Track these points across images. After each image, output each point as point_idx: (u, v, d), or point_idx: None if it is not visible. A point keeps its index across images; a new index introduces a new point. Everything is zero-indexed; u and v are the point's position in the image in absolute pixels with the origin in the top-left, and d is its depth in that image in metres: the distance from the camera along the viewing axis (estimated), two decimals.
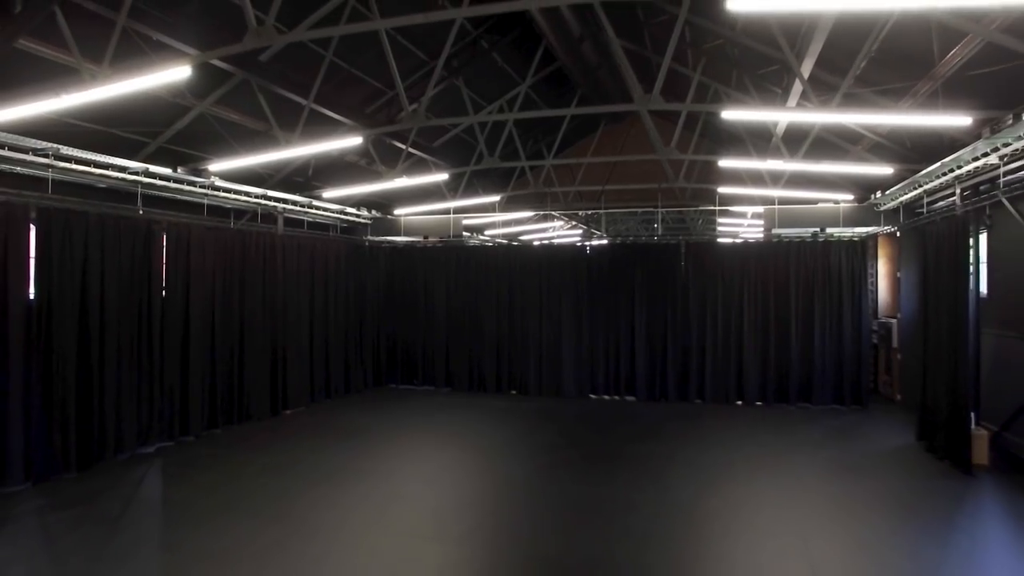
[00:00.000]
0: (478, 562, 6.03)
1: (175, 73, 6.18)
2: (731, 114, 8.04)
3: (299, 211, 13.50)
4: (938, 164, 8.98)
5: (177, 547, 6.18)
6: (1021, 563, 5.99)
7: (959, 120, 7.26)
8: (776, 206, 13.79)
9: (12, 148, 7.55)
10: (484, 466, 9.35)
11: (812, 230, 13.87)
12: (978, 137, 7.66)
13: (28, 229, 7.84)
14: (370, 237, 16.12)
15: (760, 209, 14.25)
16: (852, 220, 13.52)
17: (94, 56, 6.72)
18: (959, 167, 8.87)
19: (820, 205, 13.71)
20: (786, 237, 14.11)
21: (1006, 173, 8.22)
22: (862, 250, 13.34)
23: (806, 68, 7.97)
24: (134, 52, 7.24)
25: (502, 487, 8.35)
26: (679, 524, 6.86)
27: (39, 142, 7.76)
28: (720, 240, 15.02)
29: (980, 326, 9.85)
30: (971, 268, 9.25)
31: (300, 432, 10.98)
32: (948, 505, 7.43)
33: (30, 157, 7.80)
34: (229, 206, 12.05)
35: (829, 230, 13.90)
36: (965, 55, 7.45)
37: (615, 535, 6.51)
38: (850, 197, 13.18)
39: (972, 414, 9.25)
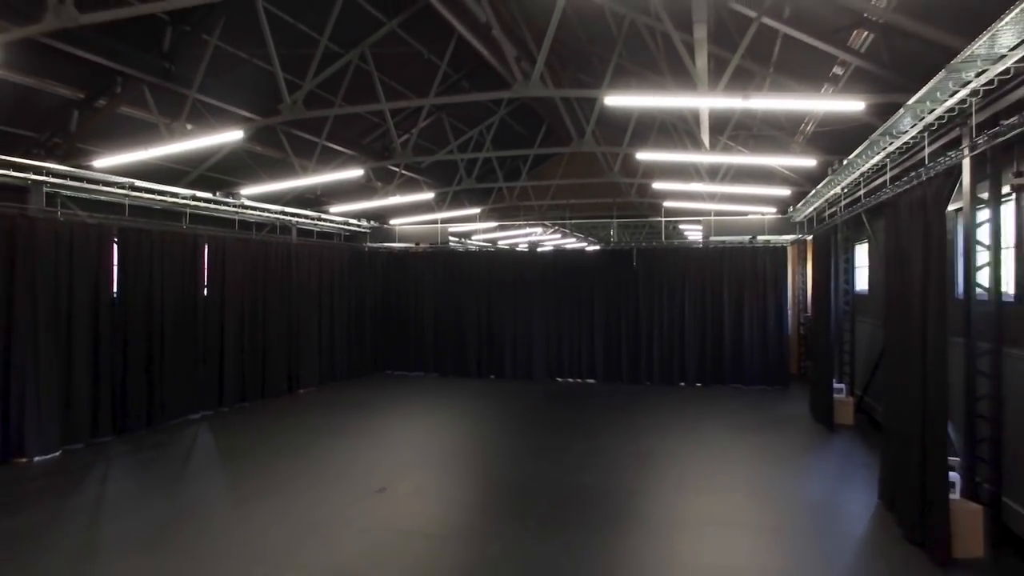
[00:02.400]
0: (448, 479, 8.57)
1: (233, 135, 8.68)
2: (643, 155, 10.55)
3: (309, 223, 16.00)
4: (813, 191, 11.53)
5: (230, 472, 8.71)
6: (824, 477, 8.56)
7: (808, 161, 9.81)
8: (712, 217, 16.34)
9: (104, 184, 10.04)
10: (461, 427, 11.88)
11: (745, 237, 16.40)
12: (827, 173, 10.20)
13: (112, 245, 10.33)
14: (369, 244, 18.64)
15: (700, 219, 16.79)
16: (775, 229, 16.09)
17: (168, 114, 9.24)
18: (828, 192, 11.40)
19: (749, 216, 16.26)
20: (722, 243, 16.62)
21: (845, 197, 10.68)
22: (783, 256, 15.90)
23: (705, 119, 10.53)
24: (196, 115, 9.71)
25: (474, 438, 10.91)
26: (597, 461, 9.34)
27: (121, 177, 10.26)
28: (665, 246, 17.49)
29: (856, 317, 12.42)
30: (843, 268, 11.83)
31: (312, 405, 13.51)
32: (801, 449, 10.01)
33: (115, 189, 10.30)
34: (253, 220, 14.53)
35: (760, 238, 16.43)
36: (818, 116, 10.00)
37: (549, 466, 9.02)
38: (773, 210, 15.75)
39: (843, 385, 11.87)
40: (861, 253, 12.82)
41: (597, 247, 20.51)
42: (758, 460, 9.40)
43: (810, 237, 16.22)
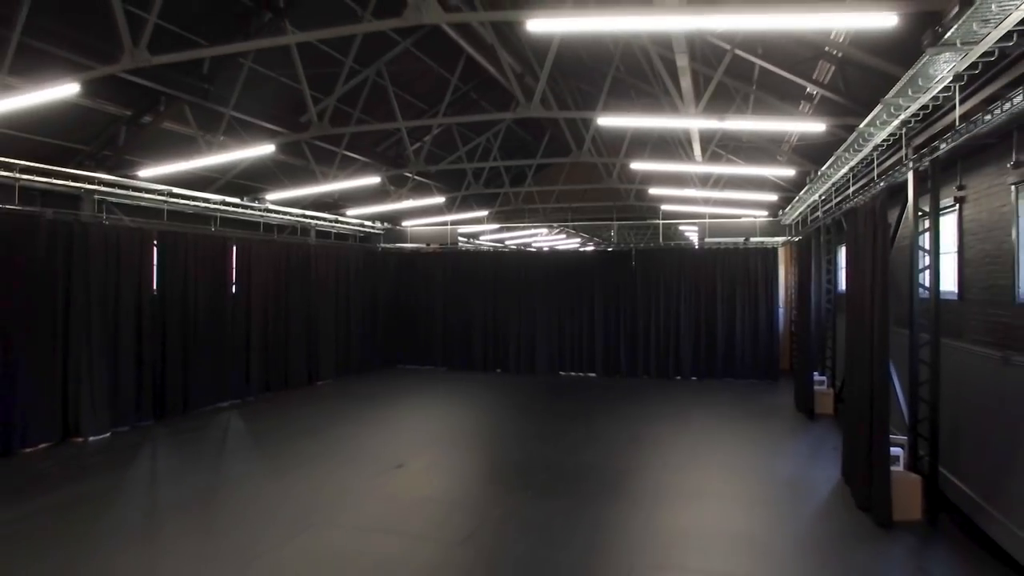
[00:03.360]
0: (457, 457, 9.54)
1: (264, 149, 9.66)
2: (637, 165, 11.46)
3: (327, 225, 17.03)
4: (797, 198, 12.40)
5: (261, 451, 9.71)
6: (796, 458, 9.46)
7: (788, 171, 10.69)
8: (707, 220, 17.22)
9: (147, 191, 11.08)
10: (469, 414, 12.85)
11: (738, 239, 17.28)
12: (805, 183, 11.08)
13: (152, 247, 11.37)
14: (383, 244, 19.68)
15: (696, 222, 17.68)
16: (766, 231, 16.97)
17: (205, 128, 10.25)
18: (809, 198, 12.28)
19: (742, 219, 17.13)
20: (717, 244, 17.50)
21: (822, 204, 11.58)
22: (774, 256, 16.76)
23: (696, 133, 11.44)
24: (228, 128, 10.70)
25: (481, 424, 11.89)
26: (593, 444, 10.28)
27: (161, 185, 11.29)
28: (663, 247, 18.41)
29: (838, 314, 13.26)
30: (825, 268, 12.68)
31: (330, 395, 14.53)
32: (780, 435, 10.91)
33: (155, 196, 11.33)
34: (275, 223, 15.57)
35: (753, 239, 17.30)
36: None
37: (549, 448, 9.98)
38: (765, 213, 16.62)
39: (824, 377, 12.74)
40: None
41: (598, 248, 21.44)
42: (740, 444, 10.31)
43: (790, 238, 17.12)
